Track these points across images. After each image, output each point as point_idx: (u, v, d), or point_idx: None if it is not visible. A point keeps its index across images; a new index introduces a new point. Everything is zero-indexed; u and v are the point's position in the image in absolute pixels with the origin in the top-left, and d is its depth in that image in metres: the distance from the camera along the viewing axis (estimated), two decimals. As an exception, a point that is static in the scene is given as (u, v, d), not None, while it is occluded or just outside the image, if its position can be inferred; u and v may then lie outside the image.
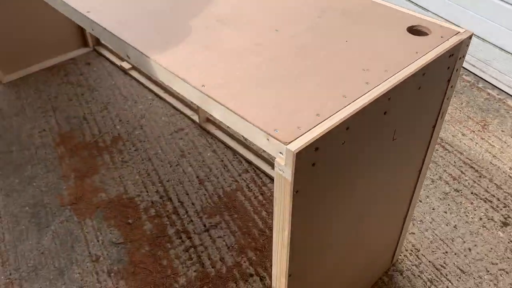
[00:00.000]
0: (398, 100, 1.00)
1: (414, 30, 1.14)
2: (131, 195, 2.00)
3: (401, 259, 1.75)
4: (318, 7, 1.24)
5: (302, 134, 0.83)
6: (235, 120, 0.90)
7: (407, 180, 1.36)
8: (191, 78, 0.98)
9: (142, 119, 2.42)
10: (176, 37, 1.13)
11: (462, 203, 1.96)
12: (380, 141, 1.05)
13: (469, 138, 2.28)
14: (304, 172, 0.85)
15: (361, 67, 1.01)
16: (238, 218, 1.91)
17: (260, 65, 1.02)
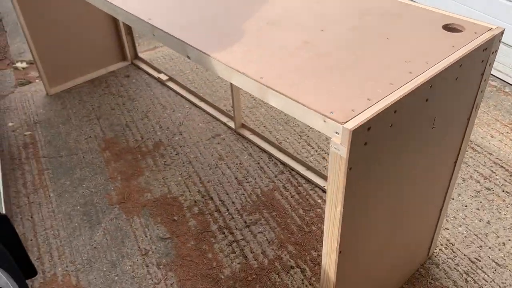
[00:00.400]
0: (438, 88, 1.09)
1: (449, 28, 1.24)
2: (175, 195, 2.12)
3: (437, 253, 1.82)
4: (357, 10, 1.36)
5: (356, 115, 0.94)
6: (293, 106, 1.01)
7: (444, 170, 1.44)
8: (250, 72, 1.10)
9: (181, 126, 2.56)
10: (231, 38, 1.26)
11: (494, 200, 2.02)
12: (422, 127, 1.14)
13: (498, 140, 2.34)
14: (357, 151, 0.95)
15: (404, 59, 1.11)
16: (276, 216, 2.00)
17: (311, 59, 1.13)
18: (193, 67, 3.09)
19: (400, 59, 1.11)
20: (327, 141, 2.39)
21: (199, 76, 3.00)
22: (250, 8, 1.41)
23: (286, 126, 2.52)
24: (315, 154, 2.32)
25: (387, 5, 1.38)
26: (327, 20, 1.31)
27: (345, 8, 1.38)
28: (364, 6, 1.38)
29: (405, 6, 1.36)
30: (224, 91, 2.84)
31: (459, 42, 1.17)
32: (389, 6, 1.37)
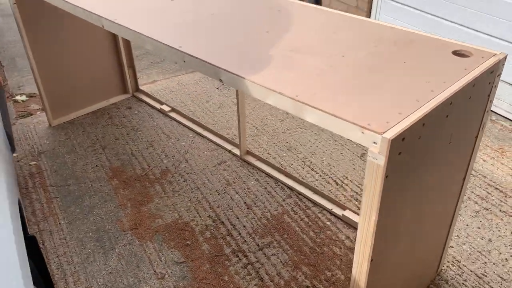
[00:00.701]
0: (456, 105, 1.21)
1: (458, 53, 1.37)
2: (186, 220, 2.16)
3: (445, 270, 1.89)
4: (371, 39, 1.49)
5: (392, 127, 1.03)
6: (330, 120, 1.10)
7: (455, 185, 1.54)
8: (285, 91, 1.20)
9: (186, 154, 2.62)
10: (260, 63, 1.35)
11: (493, 219, 2.13)
12: (442, 142, 1.25)
13: (490, 164, 2.48)
14: (393, 159, 1.04)
15: (424, 80, 1.22)
16: (288, 238, 2.05)
17: (339, 80, 1.24)
18: (194, 99, 3.18)
19: (420, 79, 1.23)
20: (330, 166, 2.49)
21: (200, 107, 3.08)
22: (271, 37, 1.53)
23: (289, 152, 2.61)
24: (320, 179, 2.40)
25: (397, 34, 1.51)
26: (345, 48, 1.43)
27: (360, 37, 1.50)
28: (377, 35, 1.51)
29: (414, 35, 1.50)
30: (226, 120, 2.93)
31: (470, 65, 1.29)
32: (399, 35, 1.50)
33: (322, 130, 2.80)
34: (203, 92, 3.27)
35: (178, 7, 1.83)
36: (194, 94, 3.25)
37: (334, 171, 2.46)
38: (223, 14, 1.74)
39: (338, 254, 1.97)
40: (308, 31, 1.57)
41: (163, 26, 1.64)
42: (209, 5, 1.84)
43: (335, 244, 2.02)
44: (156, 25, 1.65)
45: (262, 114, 2.98)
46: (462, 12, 2.88)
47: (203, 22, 1.67)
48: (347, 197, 2.28)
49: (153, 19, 1.71)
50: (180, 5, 1.85)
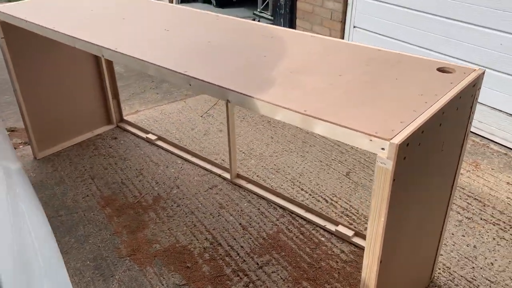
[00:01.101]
0: (448, 115, 1.33)
1: (443, 70, 1.51)
2: (184, 244, 2.18)
3: (437, 276, 1.99)
4: (364, 60, 1.62)
5: (397, 134, 1.14)
6: (338, 131, 1.20)
7: (444, 192, 1.66)
8: (293, 107, 1.29)
9: (176, 180, 2.65)
10: (264, 83, 1.45)
11: (475, 227, 2.26)
12: (435, 149, 1.36)
13: (467, 177, 2.65)
14: (400, 164, 1.14)
15: (417, 93, 1.35)
16: (286, 255, 2.11)
17: (341, 96, 1.35)
18: (179, 127, 3.24)
19: (413, 93, 1.35)
20: (318, 186, 2.58)
21: (186, 135, 3.14)
22: (270, 61, 1.63)
23: (278, 174, 2.69)
24: (310, 198, 2.49)
25: (385, 55, 1.65)
26: (340, 68, 1.55)
27: (352, 58, 1.63)
28: (366, 56, 1.64)
29: (401, 56, 1.64)
30: (212, 146, 2.99)
31: (455, 80, 1.43)
32: (387, 56, 1.64)
33: (307, 152, 2.91)
34: (187, 120, 3.34)
35: (174, 36, 1.92)
36: (178, 123, 3.30)
37: (322, 189, 2.55)
38: (219, 42, 1.84)
39: (335, 267, 2.04)
40: (302, 54, 1.68)
41: (164, 53, 1.72)
42: (203, 34, 1.94)
43: (331, 258, 2.09)
44: (157, 53, 1.73)
45: (247, 139, 3.07)
46: (428, 37, 3.11)
47: (202, 49, 1.76)
48: (337, 214, 2.37)
49: (152, 47, 1.79)
50: (176, 34, 1.94)
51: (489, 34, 2.77)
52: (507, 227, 2.26)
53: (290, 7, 4.14)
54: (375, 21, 3.47)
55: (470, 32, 2.87)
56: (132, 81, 4.09)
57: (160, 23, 2.10)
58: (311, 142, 3.02)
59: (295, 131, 3.14)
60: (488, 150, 2.89)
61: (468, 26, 2.87)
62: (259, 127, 3.22)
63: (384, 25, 3.41)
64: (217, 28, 2.02)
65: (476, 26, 2.83)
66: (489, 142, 2.97)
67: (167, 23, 2.10)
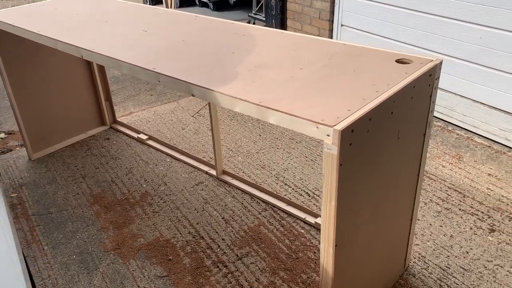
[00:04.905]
0: (399, 103, 1.39)
1: (401, 61, 1.57)
2: (167, 237, 2.25)
3: (412, 265, 2.03)
4: (326, 54, 1.67)
5: (341, 121, 1.19)
6: (289, 120, 1.26)
7: (409, 182, 1.70)
8: (250, 99, 1.35)
9: (164, 177, 2.73)
10: (228, 77, 1.52)
11: (453, 218, 2.30)
12: (391, 137, 1.42)
13: (449, 169, 2.68)
14: (345, 149, 1.20)
15: (370, 83, 1.40)
16: (265, 247, 2.16)
17: (298, 88, 1.41)
18: (170, 127, 3.32)
19: (367, 83, 1.41)
20: (301, 180, 2.63)
21: (177, 134, 3.22)
22: (237, 57, 1.70)
23: (263, 170, 2.75)
24: (293, 192, 2.54)
25: (349, 49, 1.71)
26: (304, 62, 1.61)
27: (316, 53, 1.69)
28: (331, 50, 1.70)
29: (363, 49, 1.70)
30: (201, 145, 3.06)
31: (410, 69, 1.49)
32: (350, 50, 1.70)
33: (293, 148, 2.97)
34: (179, 121, 3.42)
35: (151, 37, 2.00)
36: (170, 123, 3.39)
37: (305, 184, 2.61)
38: (193, 41, 1.91)
39: (312, 258, 2.09)
40: (270, 50, 1.75)
41: (139, 52, 1.80)
42: (180, 34, 2.01)
43: (309, 249, 2.14)
44: (132, 52, 1.80)
45: (236, 137, 3.13)
46: (412, 33, 3.15)
47: (175, 48, 1.84)
48: (318, 206, 2.42)
49: (129, 47, 1.87)
50: (153, 35, 2.02)
51: (470, 28, 2.81)
52: (485, 217, 2.29)
53: (280, 8, 4.20)
54: (361, 19, 3.52)
55: (451, 26, 2.91)
56: (127, 84, 4.18)
57: (140, 25, 2.18)
58: (298, 138, 3.08)
59: (283, 129, 3.21)
60: (472, 143, 2.92)
61: (449, 21, 2.91)
62: (248, 125, 3.29)
63: (369, 22, 3.46)
64: (193, 28, 2.09)
65: (456, 20, 2.87)
66: (473, 135, 3.00)
67: (147, 25, 2.18)
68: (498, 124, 2.85)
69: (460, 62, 2.93)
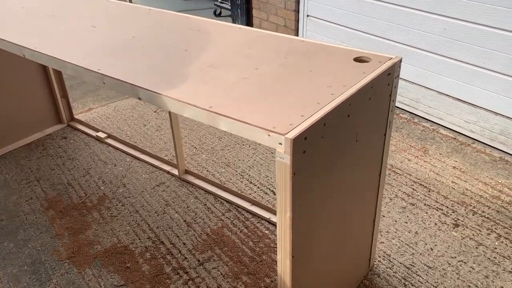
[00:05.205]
0: (356, 106, 1.32)
1: (359, 60, 1.50)
2: (125, 243, 2.15)
3: (377, 264, 2.00)
4: (283, 51, 1.59)
5: (294, 128, 1.12)
6: (240, 127, 1.17)
7: (371, 183, 1.65)
8: (199, 103, 1.26)
9: (123, 178, 2.61)
10: (177, 79, 1.42)
11: (418, 213, 2.28)
12: (348, 140, 1.35)
13: (415, 162, 2.66)
14: (298, 157, 1.13)
15: (326, 85, 1.33)
16: (228, 250, 2.09)
17: (251, 90, 1.32)
18: (131, 124, 3.19)
19: (323, 85, 1.34)
20: (267, 178, 2.57)
21: (138, 131, 3.10)
22: (189, 55, 1.60)
23: (228, 168, 2.67)
24: (258, 191, 2.47)
25: (306, 46, 1.63)
26: (259, 61, 1.53)
27: (272, 51, 1.61)
28: (288, 48, 1.62)
29: (321, 46, 1.62)
30: (164, 143, 2.95)
31: (368, 69, 1.42)
32: (308, 47, 1.62)
33: (259, 144, 2.89)
34: (140, 116, 3.29)
35: (99, 33, 1.87)
36: (131, 119, 3.25)
37: (271, 182, 2.54)
38: (144, 37, 1.80)
39: (276, 260, 2.03)
40: (225, 48, 1.65)
41: (84, 51, 1.68)
42: (130, 29, 1.89)
43: (274, 251, 2.08)
44: (77, 51, 1.68)
45: (200, 133, 3.04)
46: (377, 24, 3.11)
47: (124, 45, 1.72)
48: (284, 206, 2.36)
49: (75, 45, 1.74)
50: (102, 30, 1.89)
51: (434, 19, 2.78)
52: (449, 211, 2.28)
53: (246, -3, 4.09)
54: (326, 10, 3.45)
55: (415, 17, 2.87)
56: (87, 78, 4.00)
57: (89, 20, 2.04)
58: (263, 134, 3.00)
59: (248, 124, 3.12)
60: (438, 135, 2.91)
61: (413, 12, 2.87)
62: (213, 120, 3.19)
63: (335, 13, 3.39)
64: (146, 22, 1.97)
65: (420, 11, 2.83)
66: (439, 127, 2.99)
67: (96, 20, 2.04)
68: (462, 116, 2.84)
69: (425, 53, 2.90)
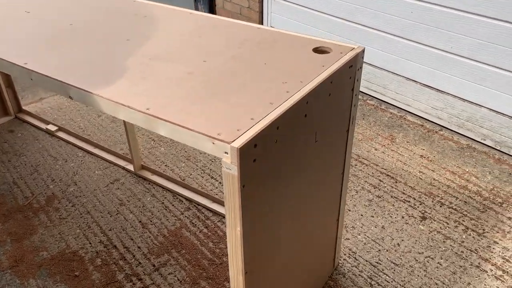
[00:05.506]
0: (314, 104, 1.19)
1: (319, 50, 1.37)
2: (74, 249, 1.98)
3: (342, 263, 1.91)
4: (237, 41, 1.44)
5: (241, 134, 0.98)
6: (181, 132, 1.03)
7: (334, 181, 1.54)
8: (135, 104, 1.10)
9: (75, 175, 2.43)
10: (114, 74, 1.25)
11: (385, 206, 2.20)
12: (306, 142, 1.23)
13: (381, 152, 2.58)
14: (248, 168, 0.99)
15: (281, 81, 1.19)
16: (186, 253, 1.96)
17: (196, 88, 1.17)
18: (84, 114, 2.98)
19: (277, 81, 1.20)
20: (228, 173, 2.43)
21: (91, 123, 2.89)
22: (131, 46, 1.43)
23: (188, 162, 2.52)
24: (220, 186, 2.34)
25: (262, 35, 1.48)
26: (209, 52, 1.37)
27: (225, 40, 1.45)
28: (243, 37, 1.47)
29: (279, 34, 1.48)
30: (119, 135, 2.77)
31: (328, 61, 1.29)
32: (264, 36, 1.47)
33: (221, 135, 2.74)
34: (95, 107, 3.08)
35: (33, 18, 1.66)
36: (84, 110, 3.04)
37: (233, 176, 2.41)
38: (83, 24, 1.61)
39: (237, 262, 1.91)
40: (173, 36, 1.49)
41: (13, 41, 1.48)
42: (69, 15, 1.69)
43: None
44: (4, 41, 1.48)
45: (158, 125, 2.86)
46: (343, 6, 2.97)
47: (59, 35, 1.53)
48: (246, 202, 2.24)
49: (2, 34, 1.53)
50: (36, 16, 1.69)
51: (401, 1, 2.66)
52: (416, 203, 2.21)
53: (207, -23, 3.87)
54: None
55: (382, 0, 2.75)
56: (38, 65, 3.73)
57: (24, 4, 1.82)
58: (226, 124, 2.86)
59: (210, 113, 2.96)
60: (405, 122, 2.83)
61: (380, -6, 2.75)
62: (172, 110, 3.02)
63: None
64: (87, 7, 1.77)
65: (388, -7, 2.71)
66: (406, 113, 2.91)
67: (32, 4, 1.83)
68: (430, 102, 2.77)
69: (392, 37, 2.79)
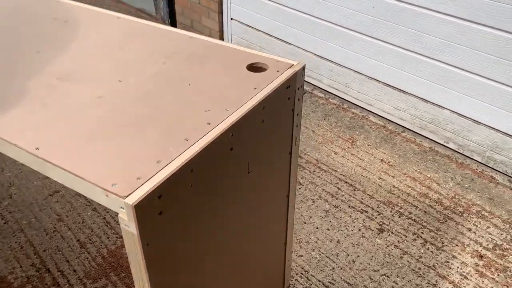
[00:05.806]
0: (242, 135, 1.04)
1: (254, 67, 1.21)
2: (3, 274, 1.81)
3: (293, 284, 1.79)
4: (164, 54, 1.27)
5: (141, 185, 0.82)
6: (73, 180, 0.86)
7: (277, 208, 1.40)
8: (23, 142, 0.93)
9: (11, 187, 2.23)
10: (8, 100, 1.07)
11: (341, 217, 2.08)
12: (236, 175, 1.08)
13: (341, 156, 2.45)
14: (151, 223, 0.84)
15: (203, 109, 1.03)
16: (126, 277, 1.81)
17: (100, 118, 1.00)
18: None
19: (199, 108, 1.03)
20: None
21: (33, 126, 2.67)
22: (42, 61, 1.24)
23: (134, 171, 2.34)
24: (166, 198, 2.18)
25: (193, 46, 1.31)
26: (127, 69, 1.20)
27: (150, 52, 1.27)
28: (171, 49, 1.29)
29: (212, 47, 1.31)
30: (62, 140, 2.56)
31: (261, 82, 1.13)
32: (195, 48, 1.30)
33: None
34: (38, 107, 2.85)
35: None
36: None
37: (182, 186, 2.25)
38: (-11, 32, 1.40)
39: None
40: (91, 47, 1.30)
41: None
42: (-24, 20, 1.48)
43: None
44: None
45: (106, 127, 2.66)
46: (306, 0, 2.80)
47: (-42, 45, 1.32)
48: (195, 215, 2.09)
49: None
50: None
51: (363, -4, 2.51)
52: (374, 214, 2.10)
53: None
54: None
55: (344, -7, 2.59)
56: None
57: None
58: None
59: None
60: (367, 123, 2.71)
61: (341, -13, 2.58)
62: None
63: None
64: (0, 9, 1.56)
65: (349, -13, 2.55)
66: (369, 113, 2.79)
67: None
68: (392, 102, 2.65)
69: (353, 34, 2.65)
